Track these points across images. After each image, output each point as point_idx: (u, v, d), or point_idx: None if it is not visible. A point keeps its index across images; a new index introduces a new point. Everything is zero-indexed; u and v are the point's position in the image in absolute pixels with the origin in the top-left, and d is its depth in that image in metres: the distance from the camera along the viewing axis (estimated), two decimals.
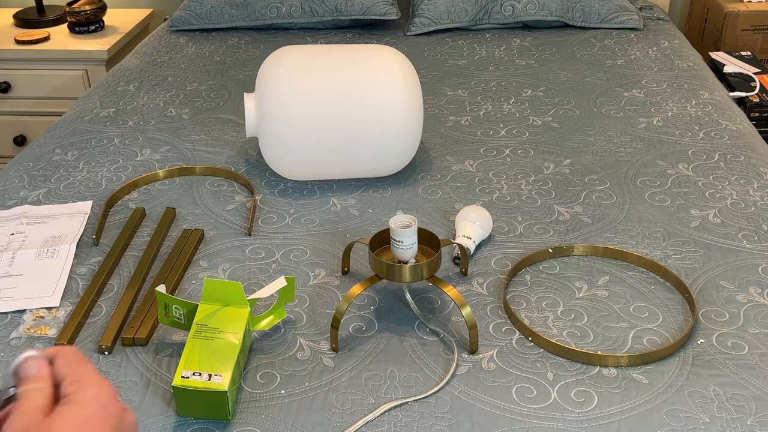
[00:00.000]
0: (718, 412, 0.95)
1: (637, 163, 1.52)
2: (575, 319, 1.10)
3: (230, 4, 2.29)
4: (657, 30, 2.26)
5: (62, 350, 0.58)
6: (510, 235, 1.30)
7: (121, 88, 1.93)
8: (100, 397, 0.54)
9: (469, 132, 1.66)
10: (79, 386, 0.54)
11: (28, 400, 0.54)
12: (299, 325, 1.10)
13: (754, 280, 1.18)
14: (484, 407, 0.96)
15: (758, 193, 1.40)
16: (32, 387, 0.55)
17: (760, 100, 2.01)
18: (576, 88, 1.88)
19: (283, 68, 1.39)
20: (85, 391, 0.54)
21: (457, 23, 2.26)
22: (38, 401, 0.54)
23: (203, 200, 1.43)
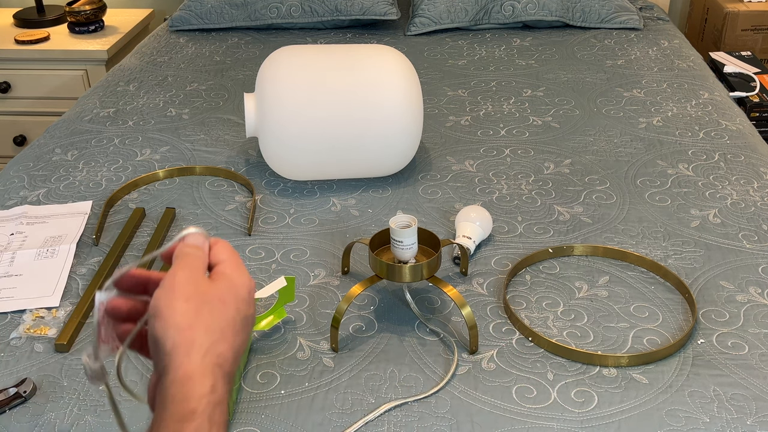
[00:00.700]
0: (718, 412, 0.94)
1: (637, 163, 1.52)
2: (575, 319, 1.10)
3: (230, 4, 2.29)
4: (657, 30, 2.26)
5: (224, 242, 0.64)
6: (510, 235, 1.30)
7: (121, 88, 1.93)
8: (251, 287, 0.61)
9: (469, 132, 1.66)
10: (238, 272, 0.61)
11: (196, 260, 0.60)
12: (299, 325, 1.10)
13: (754, 280, 1.18)
14: (484, 407, 0.96)
15: (758, 193, 1.40)
16: (198, 253, 0.61)
17: (760, 100, 2.01)
18: (576, 88, 1.88)
19: (283, 68, 1.38)
20: (242, 278, 0.61)
21: (457, 23, 2.26)
22: (201, 265, 0.60)
23: (203, 200, 1.43)
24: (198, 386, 0.54)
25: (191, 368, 0.54)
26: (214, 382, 0.55)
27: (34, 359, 1.05)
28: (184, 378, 0.54)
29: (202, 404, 0.53)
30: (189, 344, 0.55)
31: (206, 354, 0.55)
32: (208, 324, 0.56)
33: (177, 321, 0.55)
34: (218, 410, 0.54)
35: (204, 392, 0.54)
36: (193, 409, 0.53)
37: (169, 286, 0.57)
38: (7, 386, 0.99)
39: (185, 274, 0.58)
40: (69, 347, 1.07)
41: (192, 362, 0.54)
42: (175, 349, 0.55)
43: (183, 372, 0.54)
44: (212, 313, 0.57)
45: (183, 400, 0.53)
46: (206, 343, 0.55)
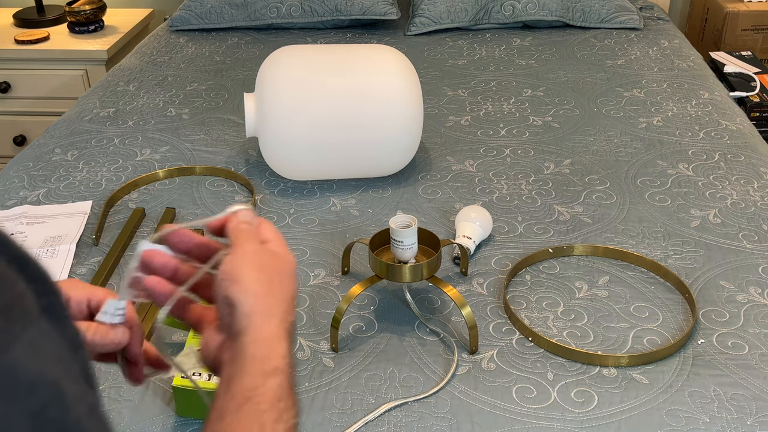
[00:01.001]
0: (718, 412, 0.94)
1: (638, 163, 1.52)
2: (575, 319, 1.10)
3: (230, 4, 2.29)
4: (657, 30, 2.26)
5: (267, 221, 0.68)
6: (510, 235, 1.30)
7: (121, 88, 1.93)
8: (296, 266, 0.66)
9: (469, 132, 1.66)
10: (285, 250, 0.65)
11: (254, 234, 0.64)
12: (299, 325, 1.10)
13: (754, 280, 1.18)
14: (484, 407, 0.96)
15: (758, 193, 1.40)
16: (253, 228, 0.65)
17: (760, 100, 2.01)
18: (576, 88, 1.88)
19: (283, 68, 1.38)
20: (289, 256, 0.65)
21: (457, 23, 2.26)
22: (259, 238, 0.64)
23: (203, 200, 1.43)
24: (278, 346, 0.58)
25: (270, 331, 0.59)
26: (287, 346, 0.59)
27: None
28: (267, 338, 0.58)
29: (282, 363, 0.58)
30: (267, 310, 0.59)
31: (281, 321, 0.60)
32: (279, 294, 0.61)
33: (254, 288, 0.59)
34: (292, 371, 0.59)
35: (283, 352, 0.59)
36: (275, 367, 0.57)
37: (241, 255, 0.61)
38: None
39: (253, 246, 0.62)
40: None
41: (272, 326, 0.59)
42: (254, 313, 0.59)
43: (266, 333, 0.58)
44: (281, 285, 0.62)
45: (266, 358, 0.57)
46: (280, 311, 0.60)
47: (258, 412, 0.55)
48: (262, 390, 0.56)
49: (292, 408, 0.57)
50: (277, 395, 0.56)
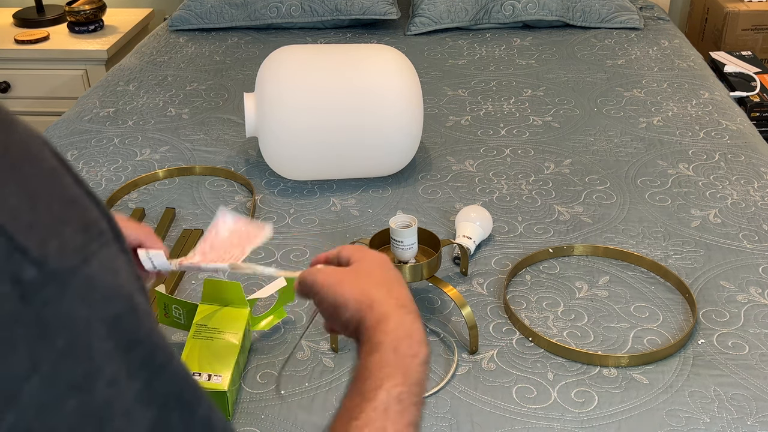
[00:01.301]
0: (718, 412, 0.94)
1: (638, 163, 1.52)
2: (575, 319, 1.10)
3: (230, 4, 2.29)
4: (657, 30, 2.26)
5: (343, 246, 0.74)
6: (510, 235, 1.30)
7: (121, 87, 1.93)
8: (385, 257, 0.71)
9: (469, 132, 1.66)
10: (362, 254, 0.71)
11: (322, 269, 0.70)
12: (299, 325, 1.10)
13: (754, 280, 1.18)
14: (484, 407, 0.96)
15: (759, 193, 1.40)
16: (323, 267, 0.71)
17: (760, 100, 2.01)
18: (576, 87, 1.88)
19: (283, 68, 1.38)
20: (372, 253, 0.71)
21: (457, 23, 2.26)
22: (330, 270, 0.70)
23: (203, 200, 1.42)
24: (383, 325, 0.62)
25: (377, 315, 0.63)
26: (398, 320, 0.63)
27: None
28: (374, 323, 0.62)
29: (388, 337, 0.61)
30: (369, 302, 0.64)
31: (385, 301, 0.64)
32: (373, 284, 0.66)
33: (350, 294, 0.65)
34: (404, 342, 0.61)
35: (389, 328, 0.62)
36: (379, 342, 0.61)
37: (325, 283, 0.67)
38: None
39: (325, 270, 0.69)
40: None
41: (376, 311, 0.63)
42: (359, 312, 0.64)
43: (372, 320, 0.63)
44: (369, 278, 0.67)
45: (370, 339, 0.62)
46: (381, 295, 0.65)
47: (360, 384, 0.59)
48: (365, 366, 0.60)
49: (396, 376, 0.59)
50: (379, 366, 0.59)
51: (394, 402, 0.57)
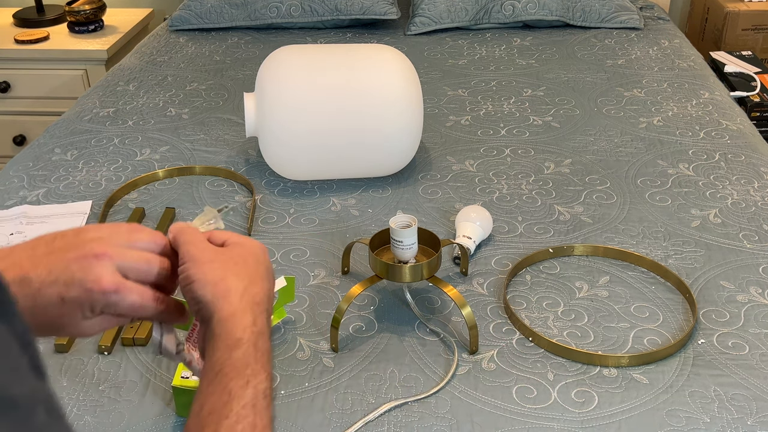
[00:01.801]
0: (718, 412, 0.94)
1: (638, 162, 1.52)
2: (575, 319, 1.10)
3: (230, 4, 2.29)
4: (657, 29, 2.26)
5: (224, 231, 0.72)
6: (510, 235, 1.30)
7: (121, 87, 1.93)
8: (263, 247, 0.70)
9: (470, 132, 1.66)
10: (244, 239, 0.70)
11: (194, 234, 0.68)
12: (299, 325, 1.10)
13: (754, 280, 1.18)
14: (484, 407, 0.96)
15: (759, 193, 1.40)
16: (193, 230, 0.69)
17: (760, 100, 2.01)
18: (576, 87, 1.88)
19: (283, 68, 1.38)
20: (250, 241, 0.70)
21: (458, 23, 2.26)
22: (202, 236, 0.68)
23: (203, 200, 1.42)
24: (240, 320, 0.62)
25: (232, 308, 0.63)
26: (254, 316, 0.63)
27: None
28: (228, 316, 0.62)
29: (246, 334, 0.62)
30: (225, 291, 0.63)
31: (242, 295, 0.64)
32: (236, 273, 0.65)
33: (210, 278, 0.64)
34: (261, 339, 0.63)
35: (246, 324, 0.62)
36: (239, 338, 0.61)
37: (190, 257, 0.65)
38: None
39: (198, 245, 0.67)
40: (69, 347, 1.07)
41: (232, 303, 0.63)
42: (215, 298, 0.63)
43: (226, 312, 0.63)
44: (237, 266, 0.66)
45: (229, 333, 0.62)
46: (240, 287, 0.64)
47: (226, 382, 0.59)
48: (228, 362, 0.60)
49: (260, 372, 0.61)
50: (244, 363, 0.60)
51: (261, 397, 0.60)
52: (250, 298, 0.64)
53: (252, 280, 0.66)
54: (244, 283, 0.65)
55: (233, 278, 0.65)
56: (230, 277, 0.65)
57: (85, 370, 1.03)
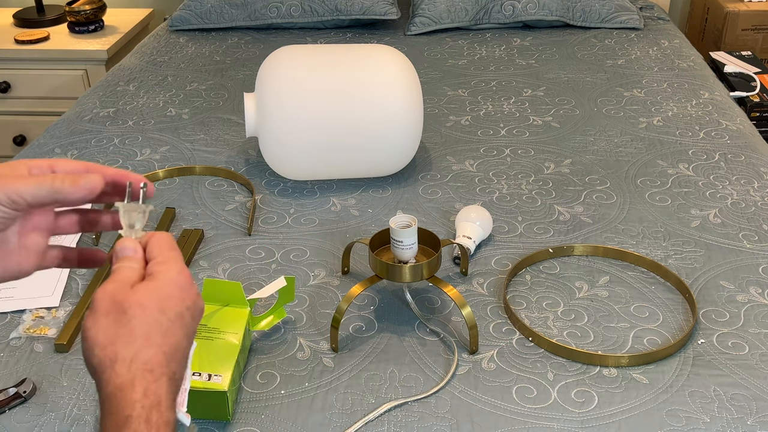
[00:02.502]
0: (718, 412, 0.94)
1: (638, 163, 1.52)
2: (575, 319, 1.10)
3: (230, 4, 2.29)
4: (657, 30, 2.26)
5: (158, 235, 0.65)
6: (510, 235, 1.30)
7: (121, 87, 1.93)
8: (180, 281, 0.62)
9: (469, 132, 1.66)
10: (163, 267, 0.62)
11: (121, 273, 0.62)
12: (299, 325, 1.10)
13: (754, 280, 1.18)
14: (484, 407, 0.96)
15: (759, 193, 1.40)
16: (126, 265, 0.63)
17: (760, 100, 2.01)
18: (576, 87, 1.88)
19: (283, 68, 1.38)
20: (168, 273, 0.62)
21: (458, 23, 2.26)
22: (128, 276, 0.62)
23: (203, 200, 1.42)
24: (128, 394, 0.56)
25: (119, 380, 0.57)
26: (145, 387, 0.57)
27: (33, 359, 1.05)
28: (114, 390, 0.56)
29: (136, 409, 0.56)
30: (112, 359, 0.57)
31: (131, 363, 0.57)
32: (129, 334, 0.58)
33: (99, 339, 0.58)
34: (155, 412, 0.56)
35: (136, 398, 0.56)
36: (127, 416, 0.56)
37: (91, 307, 0.60)
38: (7, 386, 0.99)
39: (102, 289, 0.60)
40: (69, 347, 1.07)
41: (119, 374, 0.57)
42: (100, 365, 0.57)
43: (112, 385, 0.57)
44: (132, 322, 0.58)
45: (117, 410, 0.56)
46: (129, 354, 0.57)
47: None
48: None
49: None
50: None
51: None
52: (140, 366, 0.57)
53: (147, 340, 0.58)
54: (135, 347, 0.57)
55: (122, 342, 0.57)
56: (119, 340, 0.57)
57: (85, 370, 1.03)
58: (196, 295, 0.63)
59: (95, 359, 0.58)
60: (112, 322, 0.58)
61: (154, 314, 0.59)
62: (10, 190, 0.61)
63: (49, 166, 0.65)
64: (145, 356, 0.58)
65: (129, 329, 0.58)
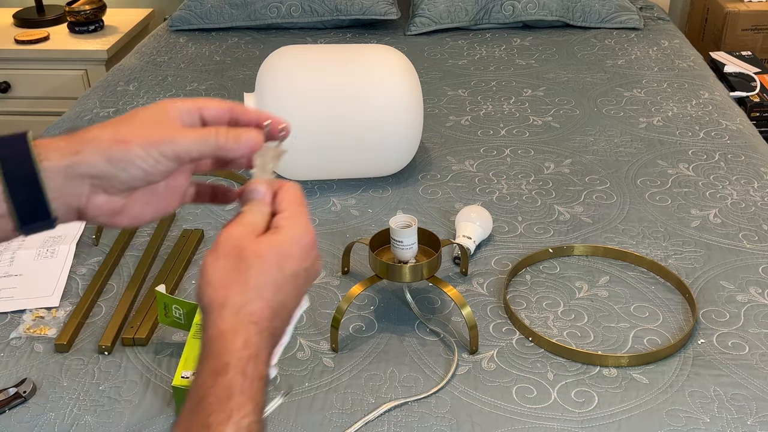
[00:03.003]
0: (718, 412, 0.94)
1: (638, 163, 1.52)
2: (575, 319, 1.10)
3: (230, 4, 2.29)
4: (657, 30, 2.26)
5: (289, 186, 0.63)
6: (510, 235, 1.30)
7: (121, 87, 1.93)
8: (303, 241, 0.60)
9: (470, 132, 1.66)
10: (290, 223, 0.60)
11: (248, 217, 0.61)
12: (299, 325, 1.10)
13: (754, 280, 1.18)
14: (484, 407, 0.96)
15: (758, 193, 1.40)
16: (255, 209, 0.61)
17: (760, 100, 2.01)
18: (576, 87, 1.88)
19: (283, 68, 1.38)
20: (293, 230, 0.60)
21: (458, 23, 2.26)
22: (255, 221, 0.60)
23: None
24: (230, 342, 0.55)
25: (224, 326, 0.56)
26: (247, 338, 0.56)
27: (33, 359, 1.05)
28: (218, 335, 0.56)
29: (234, 358, 0.55)
30: (222, 303, 0.56)
31: (239, 312, 0.56)
32: (243, 282, 0.57)
33: (214, 279, 0.57)
34: (251, 364, 0.55)
35: (236, 347, 0.55)
36: (226, 363, 0.55)
37: (213, 245, 0.59)
38: (7, 386, 0.99)
39: (227, 231, 0.59)
40: (69, 347, 1.07)
41: (225, 320, 0.56)
42: (209, 306, 0.57)
43: (216, 330, 0.56)
44: (248, 271, 0.58)
45: (217, 355, 0.55)
46: (238, 303, 0.57)
47: (207, 414, 0.53)
48: (212, 390, 0.54)
49: (246, 405, 0.54)
50: (227, 393, 0.54)
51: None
52: (246, 316, 0.56)
53: (259, 293, 0.57)
54: (246, 297, 0.57)
55: (237, 288, 0.57)
56: (234, 285, 0.57)
57: (85, 370, 1.03)
58: (315, 258, 0.62)
59: (205, 298, 0.57)
60: (229, 266, 0.57)
61: (271, 269, 0.58)
62: (176, 146, 0.59)
63: (198, 109, 0.63)
64: (252, 308, 0.57)
65: (244, 278, 0.57)
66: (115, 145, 0.59)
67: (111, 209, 0.61)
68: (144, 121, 0.60)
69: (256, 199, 0.62)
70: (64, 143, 0.59)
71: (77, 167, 0.58)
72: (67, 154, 0.58)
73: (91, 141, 0.59)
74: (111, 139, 0.59)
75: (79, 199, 0.60)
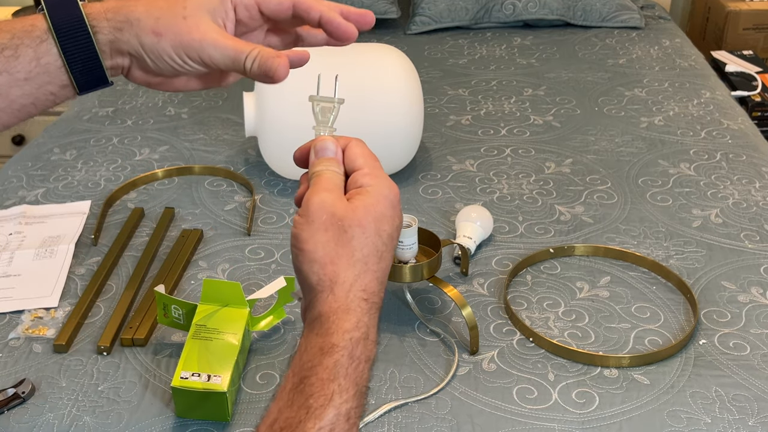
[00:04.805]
0: (719, 412, 0.94)
1: (639, 162, 1.52)
2: (576, 320, 1.10)
3: None
4: (658, 29, 2.26)
5: (357, 141, 0.62)
6: (511, 235, 1.29)
7: (120, 87, 1.92)
8: (391, 197, 0.59)
9: (470, 131, 1.66)
10: (375, 181, 0.59)
11: (329, 180, 0.59)
12: (299, 325, 1.10)
13: (756, 280, 1.17)
14: (484, 408, 0.95)
15: (760, 193, 1.40)
16: (331, 169, 0.60)
17: (762, 100, 2.01)
18: (577, 87, 1.87)
19: None
20: (380, 188, 0.59)
21: (458, 22, 2.26)
22: (337, 183, 0.59)
23: (202, 200, 1.42)
24: (341, 321, 0.54)
25: (336, 305, 0.54)
26: (359, 317, 0.55)
27: (32, 360, 1.05)
28: (329, 313, 0.54)
29: (344, 339, 0.53)
30: (332, 280, 0.55)
31: (350, 289, 0.55)
32: (350, 255, 0.56)
33: (319, 255, 0.55)
34: (360, 345, 0.54)
35: (347, 328, 0.54)
36: (334, 343, 0.53)
37: (305, 214, 0.56)
38: (6, 387, 0.99)
39: (319, 199, 0.57)
40: (68, 348, 1.06)
41: (337, 299, 0.54)
42: (319, 284, 0.55)
43: (327, 308, 0.54)
44: (352, 242, 0.56)
45: (326, 334, 0.53)
46: (350, 278, 0.55)
47: (307, 395, 0.51)
48: (315, 370, 0.52)
49: (349, 389, 0.52)
50: (332, 375, 0.52)
51: (342, 420, 0.52)
52: (359, 293, 0.55)
53: (366, 265, 0.56)
54: (356, 272, 0.55)
55: (344, 263, 0.55)
56: (341, 260, 0.55)
57: (84, 371, 1.02)
58: (401, 212, 0.61)
59: (314, 276, 0.55)
60: (332, 239, 0.55)
61: (372, 237, 0.56)
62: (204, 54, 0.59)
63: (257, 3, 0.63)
64: (363, 282, 0.56)
65: (350, 250, 0.55)
66: (150, 35, 0.59)
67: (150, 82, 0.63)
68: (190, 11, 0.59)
69: (327, 158, 0.61)
70: (112, 14, 0.59)
71: (118, 43, 0.59)
72: (113, 29, 0.59)
73: (134, 22, 0.59)
74: (150, 27, 0.59)
75: (123, 69, 0.62)
